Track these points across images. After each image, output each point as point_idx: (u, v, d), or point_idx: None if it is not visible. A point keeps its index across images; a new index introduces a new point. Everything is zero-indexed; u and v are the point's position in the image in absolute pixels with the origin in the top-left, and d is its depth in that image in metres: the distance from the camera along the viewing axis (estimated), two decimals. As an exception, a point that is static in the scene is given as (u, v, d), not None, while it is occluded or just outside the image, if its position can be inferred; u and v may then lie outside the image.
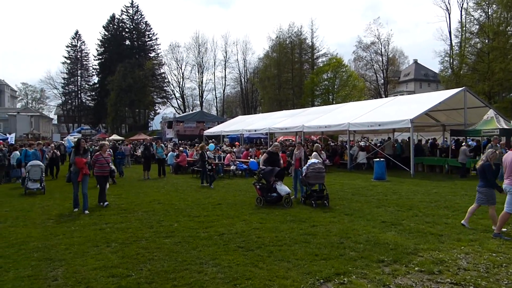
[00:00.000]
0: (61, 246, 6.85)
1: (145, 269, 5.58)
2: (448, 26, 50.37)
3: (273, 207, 10.31)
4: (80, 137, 17.37)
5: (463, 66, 46.25)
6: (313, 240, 6.97)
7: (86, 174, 10.31)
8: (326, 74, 55.49)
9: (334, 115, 24.24)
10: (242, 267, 5.62)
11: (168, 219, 9.00)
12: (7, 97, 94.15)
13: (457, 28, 47.74)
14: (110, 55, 77.54)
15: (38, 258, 6.20)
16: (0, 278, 5.35)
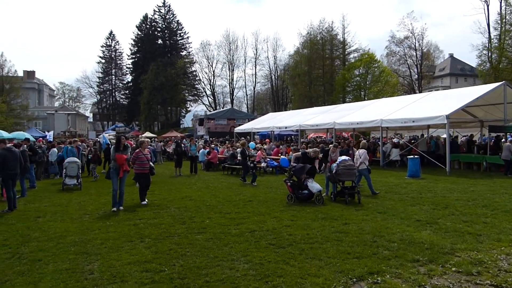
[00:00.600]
0: (97, 241, 7.07)
1: (178, 265, 5.67)
2: (486, 18, 48.25)
3: (304, 204, 10.25)
4: (119, 134, 17.72)
5: (503, 59, 44.37)
6: (345, 238, 6.88)
7: (126, 171, 10.35)
8: (357, 70, 54.56)
9: (366, 111, 23.80)
10: (274, 264, 5.61)
11: (200, 216, 9.12)
12: (46, 96, 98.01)
13: (496, 20, 45.81)
14: (143, 54, 79.18)
15: (75, 252, 6.43)
16: (40, 270, 5.57)
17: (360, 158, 12.08)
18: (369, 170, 12.12)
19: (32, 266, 5.75)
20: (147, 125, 73.39)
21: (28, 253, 6.41)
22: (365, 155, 12.13)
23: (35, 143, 19.54)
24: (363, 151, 12.18)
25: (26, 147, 14.46)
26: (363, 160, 12.00)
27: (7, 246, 6.85)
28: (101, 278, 5.23)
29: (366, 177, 11.96)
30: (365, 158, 12.07)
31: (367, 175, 11.94)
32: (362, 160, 12.01)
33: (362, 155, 12.11)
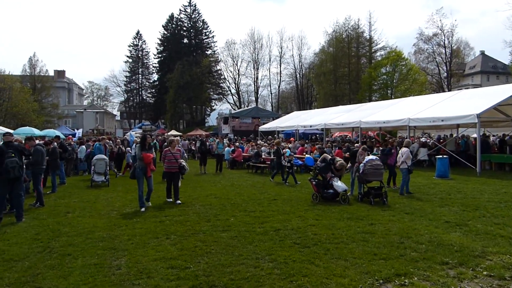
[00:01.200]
0: (124, 237, 7.20)
1: (203, 262, 5.71)
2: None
3: (329, 204, 10.15)
4: (145, 132, 17.88)
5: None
6: (372, 239, 6.77)
7: (152, 170, 10.24)
8: (384, 68, 53.59)
9: (393, 110, 23.36)
10: (299, 263, 5.57)
11: (225, 214, 9.16)
12: (75, 95, 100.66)
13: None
14: (169, 54, 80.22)
15: (103, 247, 6.56)
16: (70, 264, 5.72)
17: (402, 157, 11.88)
18: (410, 171, 11.85)
19: (62, 260, 5.91)
20: (173, 123, 74.31)
21: (59, 247, 6.59)
22: (408, 154, 11.90)
23: (65, 141, 20.07)
24: (405, 150, 11.98)
25: (56, 145, 14.87)
26: (405, 159, 11.78)
27: (38, 240, 7.07)
28: (128, 273, 5.32)
29: (404, 176, 11.72)
30: (407, 157, 11.83)
31: (405, 174, 11.69)
32: (404, 159, 11.79)
33: (404, 154, 11.91)
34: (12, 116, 44.95)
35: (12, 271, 5.47)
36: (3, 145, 8.77)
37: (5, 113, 44.61)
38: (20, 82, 51.55)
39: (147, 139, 10.52)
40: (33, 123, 42.35)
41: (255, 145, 22.87)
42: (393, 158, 13.03)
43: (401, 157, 11.98)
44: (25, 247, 6.61)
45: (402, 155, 11.95)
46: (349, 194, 11.07)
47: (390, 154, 13.14)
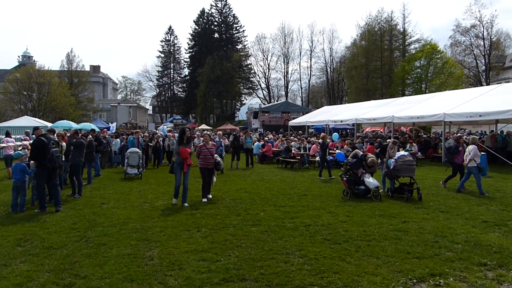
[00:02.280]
0: (156, 228, 7.35)
1: (233, 256, 5.75)
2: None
3: (361, 200, 10.00)
4: (182, 126, 17.93)
5: None
6: (405, 237, 6.62)
7: (190, 165, 9.93)
8: (418, 62, 51.96)
9: (428, 105, 22.67)
10: (329, 260, 5.52)
11: (255, 208, 9.19)
12: (110, 89, 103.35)
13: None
14: (200, 48, 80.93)
15: (136, 238, 6.73)
16: (105, 254, 5.90)
17: (469, 155, 11.26)
18: (480, 169, 11.20)
19: (98, 249, 6.10)
20: (203, 118, 75.11)
21: (94, 237, 6.81)
22: (476, 151, 11.23)
23: (99, 134, 20.65)
24: (473, 147, 11.33)
25: (92, 138, 15.32)
26: (473, 156, 11.15)
27: (75, 229, 7.33)
28: (160, 264, 5.43)
29: (476, 175, 11.10)
30: (475, 154, 11.17)
31: (476, 173, 11.08)
32: (471, 156, 11.16)
33: (472, 151, 11.24)
34: (50, 110, 46.61)
35: (51, 258, 5.70)
36: (44, 138, 9.13)
37: (44, 107, 46.31)
38: (58, 77, 53.33)
39: (185, 133, 10.13)
40: (70, 117, 43.83)
41: (284, 140, 22.78)
42: (460, 157, 12.12)
43: (468, 154, 11.34)
44: (63, 236, 6.87)
45: (470, 153, 11.29)
46: (381, 191, 10.86)
47: (457, 152, 12.23)
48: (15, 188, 9.16)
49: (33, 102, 46.47)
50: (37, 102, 46.25)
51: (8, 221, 8.10)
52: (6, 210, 9.09)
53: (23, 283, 4.83)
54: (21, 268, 5.32)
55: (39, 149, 8.91)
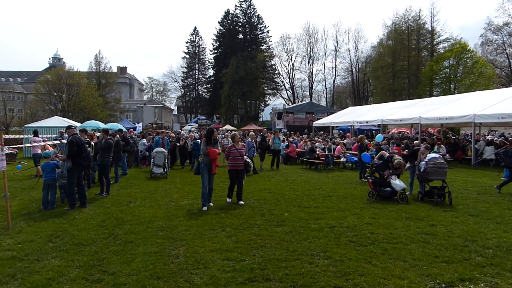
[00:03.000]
0: (181, 227, 7.44)
1: (258, 255, 5.76)
2: None
3: (386, 203, 9.83)
4: (207, 126, 17.80)
5: None
6: (432, 241, 6.47)
7: (217, 166, 9.59)
8: (447, 61, 50.64)
9: (457, 105, 22.09)
10: (355, 262, 5.46)
11: (279, 208, 9.17)
12: (136, 90, 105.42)
13: None
14: (224, 49, 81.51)
15: (162, 236, 6.83)
16: (132, 251, 6.01)
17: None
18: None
19: (125, 247, 6.23)
20: (227, 118, 75.56)
21: (122, 234, 6.95)
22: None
23: (126, 134, 21.07)
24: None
25: (119, 137, 15.65)
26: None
27: (104, 227, 7.50)
28: (186, 263, 5.50)
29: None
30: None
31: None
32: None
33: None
34: (79, 110, 47.87)
35: (81, 255, 5.85)
36: (77, 138, 9.45)
37: (73, 107, 47.60)
38: (86, 78, 54.73)
39: (213, 133, 9.70)
40: (98, 117, 44.89)
41: (308, 141, 22.65)
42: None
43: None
44: (92, 233, 7.05)
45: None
46: (408, 194, 10.65)
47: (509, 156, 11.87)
48: (46, 186, 9.46)
49: (62, 102, 47.85)
50: (67, 103, 47.58)
51: (40, 217, 8.37)
52: (38, 207, 9.40)
53: (55, 278, 4.98)
54: (52, 263, 5.49)
55: (79, 146, 9.21)
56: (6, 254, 5.92)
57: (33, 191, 11.74)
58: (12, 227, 7.49)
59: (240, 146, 10.38)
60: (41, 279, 4.93)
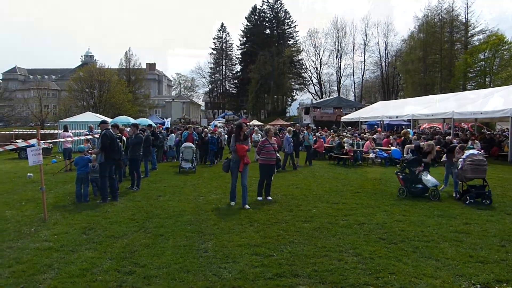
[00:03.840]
0: (210, 221, 7.51)
1: (286, 251, 5.75)
2: None
3: (417, 199, 9.59)
4: (239, 121, 17.38)
5: None
6: (466, 240, 6.27)
7: (247, 164, 9.14)
8: (482, 54, 48.83)
9: (492, 99, 21.25)
10: (385, 260, 5.36)
11: (306, 204, 9.12)
12: (165, 86, 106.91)
13: None
14: (251, 45, 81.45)
15: (191, 230, 6.91)
16: (162, 244, 6.12)
17: None
18: None
19: (155, 240, 6.35)
20: (254, 113, 75.63)
21: (152, 228, 7.08)
22: None
23: (156, 129, 21.42)
24: None
25: (149, 133, 15.92)
26: None
27: (134, 220, 7.67)
28: (214, 257, 5.54)
29: None
30: None
31: None
32: None
33: None
34: (110, 106, 48.96)
35: (113, 247, 6.00)
36: (110, 132, 9.73)
37: (104, 103, 48.76)
38: (117, 75, 55.90)
39: (242, 128, 9.24)
40: (128, 113, 45.79)
41: (336, 136, 22.37)
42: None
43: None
44: (124, 226, 7.22)
45: None
46: (441, 189, 10.34)
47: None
48: (79, 179, 9.76)
49: (94, 98, 49.08)
50: (98, 99, 48.78)
51: (74, 210, 8.66)
52: (72, 200, 9.71)
53: (89, 269, 5.13)
54: (86, 255, 5.66)
55: (111, 140, 9.48)
56: (43, 244, 6.15)
57: (67, 184, 12.12)
58: (49, 219, 7.78)
59: (273, 140, 10.10)
60: (76, 270, 5.09)
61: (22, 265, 5.28)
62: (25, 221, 7.70)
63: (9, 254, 5.76)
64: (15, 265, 5.29)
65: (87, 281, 4.79)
